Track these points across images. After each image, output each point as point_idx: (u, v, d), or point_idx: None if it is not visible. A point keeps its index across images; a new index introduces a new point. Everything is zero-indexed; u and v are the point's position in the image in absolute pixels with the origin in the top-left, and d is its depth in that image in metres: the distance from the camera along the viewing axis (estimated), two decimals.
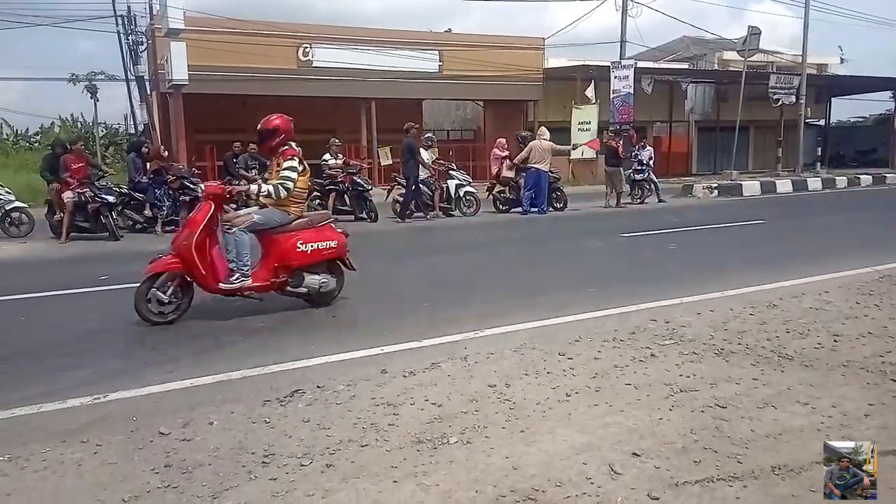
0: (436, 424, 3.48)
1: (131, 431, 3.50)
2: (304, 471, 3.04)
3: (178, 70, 17.69)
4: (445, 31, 26.75)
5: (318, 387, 4.05)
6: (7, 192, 12.03)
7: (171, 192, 11.97)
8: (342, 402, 3.82)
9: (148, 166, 12.13)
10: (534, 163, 13.79)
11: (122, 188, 12.28)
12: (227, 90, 20.46)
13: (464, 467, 3.02)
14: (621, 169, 15.89)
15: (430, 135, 15.13)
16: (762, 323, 5.28)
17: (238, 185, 12.35)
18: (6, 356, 4.96)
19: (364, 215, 13.34)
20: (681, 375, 4.12)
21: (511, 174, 14.44)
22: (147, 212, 12.04)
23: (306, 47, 21.49)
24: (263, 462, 3.12)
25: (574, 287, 7.02)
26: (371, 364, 4.50)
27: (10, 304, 6.73)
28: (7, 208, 11.84)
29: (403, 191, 13.61)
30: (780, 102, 25.64)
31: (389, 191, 14.36)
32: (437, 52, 23.53)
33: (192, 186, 11.90)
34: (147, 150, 12.66)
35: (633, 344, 4.77)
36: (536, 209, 14.01)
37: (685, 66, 30.22)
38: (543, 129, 14.78)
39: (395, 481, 2.91)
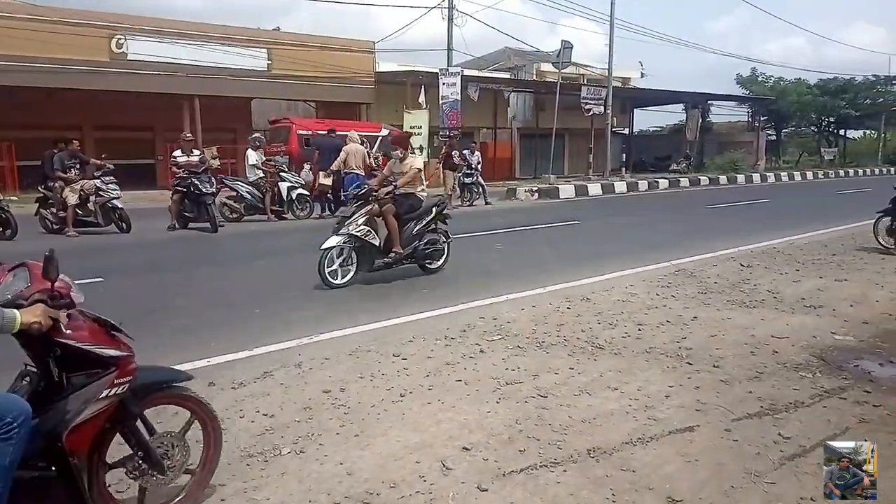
0: (267, 436, 3.38)
1: None
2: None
3: None
4: (274, 30, 25.98)
5: None
6: None
7: None
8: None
9: None
10: (353, 167, 13.44)
11: None
12: (27, 82, 18.32)
13: (296, 478, 2.96)
14: (455, 173, 16.72)
15: (257, 135, 14.60)
16: (577, 315, 5.73)
17: (55, 186, 11.08)
18: None
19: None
20: (507, 369, 4.35)
21: (328, 182, 13.86)
22: None
23: (120, 39, 19.80)
24: None
25: (407, 288, 7.14)
26: (196, 377, 4.23)
27: None
28: None
29: (235, 193, 13.40)
30: (590, 112, 27.84)
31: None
32: (265, 50, 22.78)
33: None
34: None
35: (464, 341, 4.96)
36: None
37: (507, 75, 31.90)
38: (354, 132, 14.43)
39: (222, 500, 2.79)
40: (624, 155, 33.97)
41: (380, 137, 18.67)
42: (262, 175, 13.46)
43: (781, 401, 3.81)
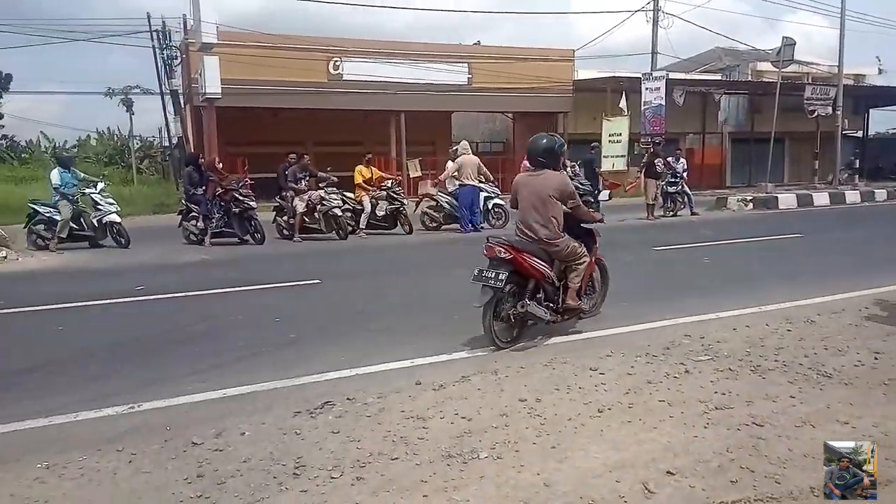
0: (466, 439, 3.46)
1: (165, 441, 3.54)
2: (334, 483, 3.04)
3: (212, 84, 18.09)
4: (474, 44, 26.84)
5: (348, 399, 4.05)
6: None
7: (222, 204, 12.02)
8: (372, 414, 3.81)
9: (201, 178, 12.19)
10: (466, 179, 13.20)
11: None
12: (258, 103, 20.79)
13: (494, 483, 2.99)
14: (657, 181, 15.96)
15: (457, 147, 15.14)
16: (800, 339, 5.16)
17: (288, 195, 12.50)
18: (44, 364, 5.07)
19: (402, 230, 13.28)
20: (716, 392, 4.04)
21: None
22: (199, 224, 12.06)
23: (337, 61, 21.74)
24: (294, 474, 3.13)
25: (605, 301, 6.92)
26: (401, 376, 4.50)
27: (46, 313, 6.89)
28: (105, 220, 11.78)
29: (435, 203, 13.89)
30: (815, 114, 25.17)
31: (418, 203, 14.39)
32: (466, 65, 23.63)
33: (242, 199, 11.91)
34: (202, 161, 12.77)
35: (667, 359, 4.70)
36: (474, 227, 13.34)
37: (718, 77, 29.86)
38: (465, 142, 14.30)
39: (424, 496, 2.89)
40: (857, 161, 30.09)
41: None
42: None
43: None
